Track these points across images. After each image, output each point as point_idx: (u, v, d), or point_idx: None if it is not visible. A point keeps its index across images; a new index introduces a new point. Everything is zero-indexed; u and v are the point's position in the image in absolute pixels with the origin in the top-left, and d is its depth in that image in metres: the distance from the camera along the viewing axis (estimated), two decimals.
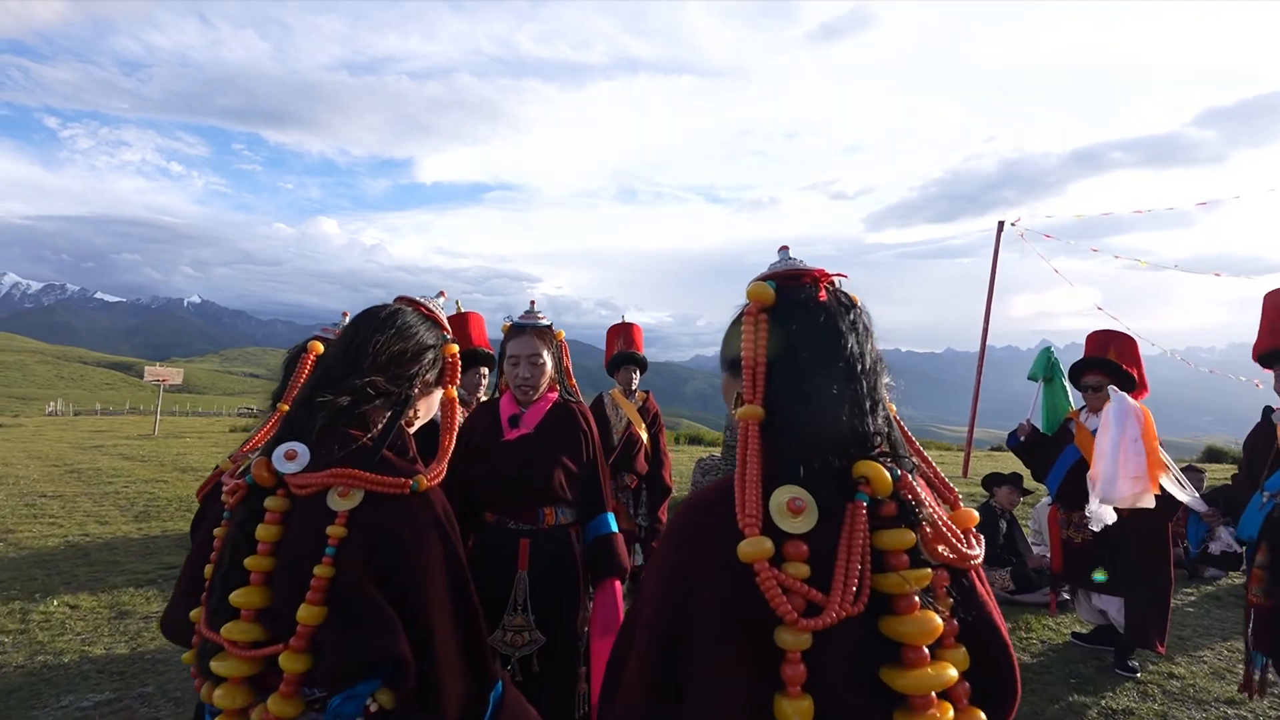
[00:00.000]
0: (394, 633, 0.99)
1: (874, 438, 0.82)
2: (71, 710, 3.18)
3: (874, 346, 0.90)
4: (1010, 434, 4.69)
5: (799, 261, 0.95)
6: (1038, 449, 4.37)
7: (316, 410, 1.09)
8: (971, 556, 0.79)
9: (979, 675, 0.79)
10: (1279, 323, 2.97)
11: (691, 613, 0.79)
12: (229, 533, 1.08)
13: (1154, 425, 3.40)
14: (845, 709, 0.74)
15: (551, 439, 2.24)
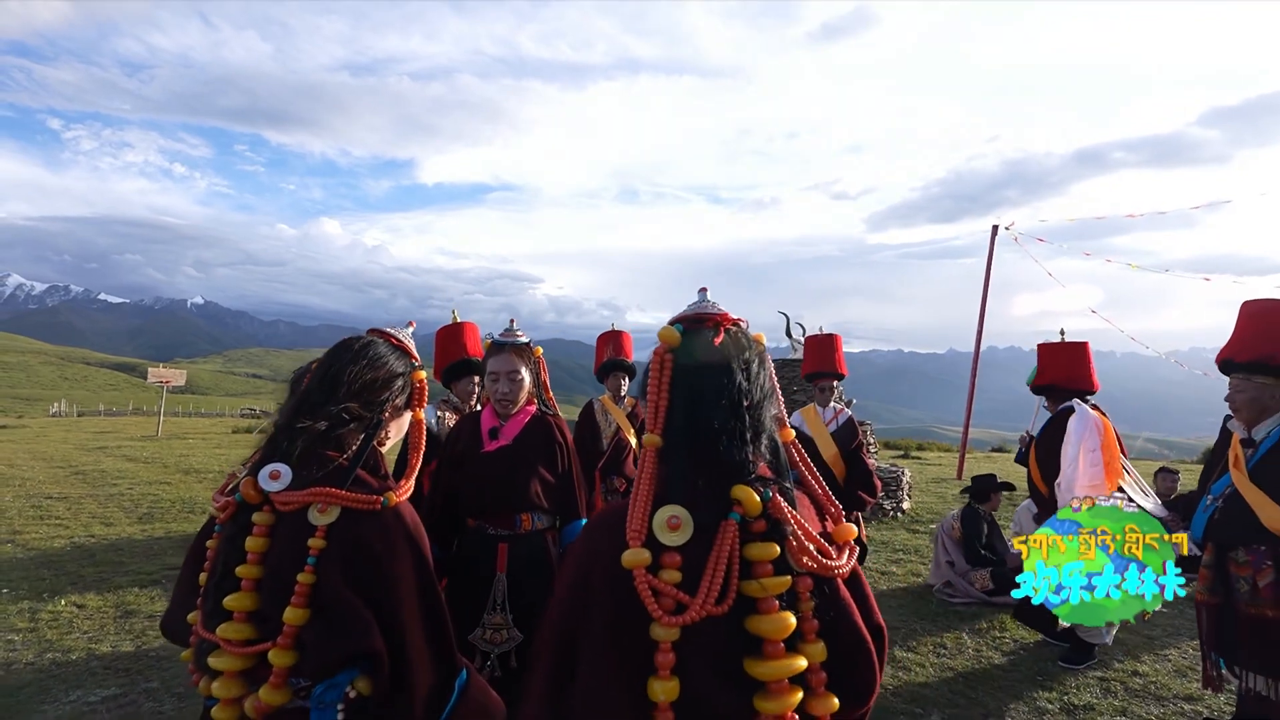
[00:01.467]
0: (369, 630, 1.14)
1: (751, 465, 0.97)
2: (79, 705, 3.34)
3: (768, 380, 1.05)
4: (1018, 451, 4.90)
5: (710, 305, 1.10)
6: None
7: (297, 435, 1.25)
8: (833, 567, 0.95)
9: (839, 668, 0.95)
10: (1247, 334, 3.09)
11: (585, 612, 0.95)
12: (220, 544, 1.24)
13: (1114, 435, 3.54)
14: (710, 692, 0.89)
15: (529, 450, 2.39)
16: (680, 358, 1.03)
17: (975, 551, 5.47)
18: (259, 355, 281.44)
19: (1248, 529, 2.94)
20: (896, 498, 9.00)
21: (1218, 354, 3.18)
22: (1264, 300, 3.08)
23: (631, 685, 0.89)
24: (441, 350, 3.60)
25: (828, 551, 0.96)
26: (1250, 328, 3.04)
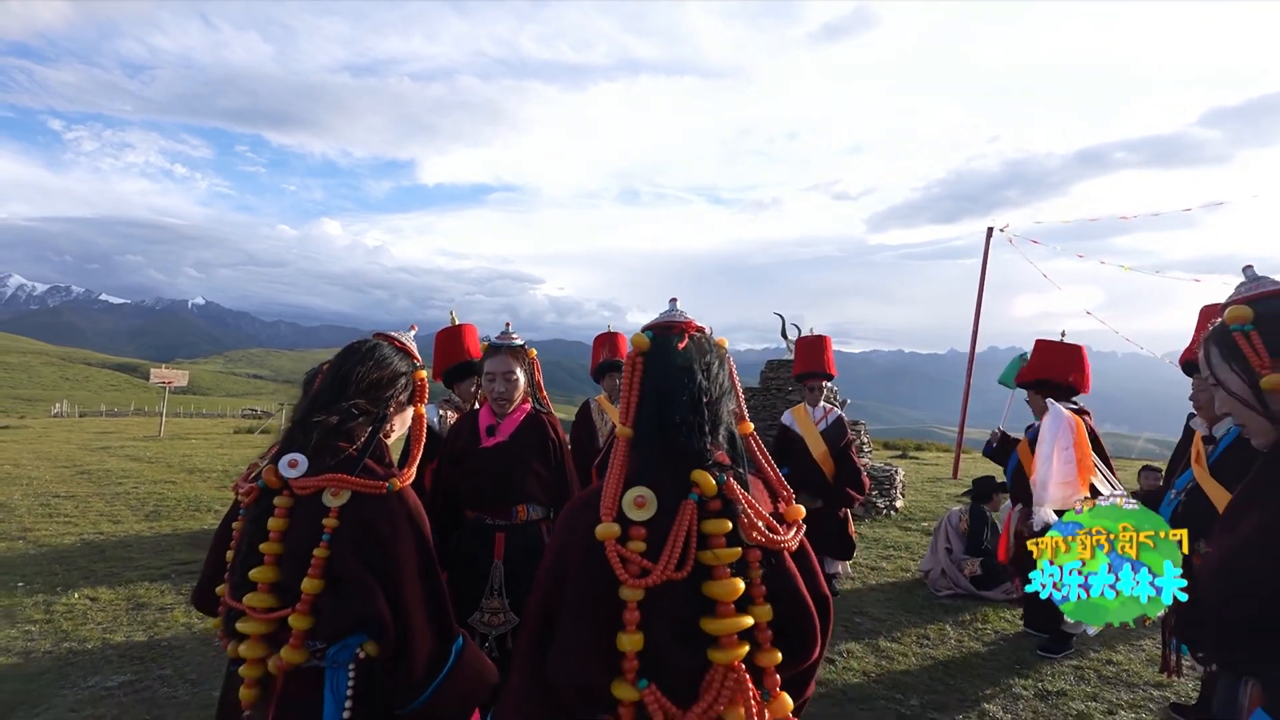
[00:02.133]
0: (375, 599, 1.30)
1: (709, 453, 1.13)
2: (97, 690, 3.50)
3: (726, 380, 1.21)
4: (987, 444, 5.05)
5: (679, 314, 1.26)
6: (1006, 453, 4.71)
7: (312, 428, 1.41)
8: (780, 541, 1.10)
9: (784, 628, 1.10)
10: None
11: (564, 580, 1.10)
12: (246, 525, 1.40)
13: (1085, 435, 3.69)
14: (669, 646, 1.05)
15: (524, 446, 2.55)
16: (650, 360, 1.19)
17: (978, 544, 5.65)
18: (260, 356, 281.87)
19: (1209, 522, 3.09)
20: (889, 496, 9.14)
21: (1181, 355, 3.34)
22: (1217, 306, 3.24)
23: (602, 639, 1.04)
24: (441, 352, 3.73)
25: (775, 528, 1.11)
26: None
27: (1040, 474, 3.63)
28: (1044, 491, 3.57)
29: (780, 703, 1.10)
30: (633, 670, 1.03)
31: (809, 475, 5.36)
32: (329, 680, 1.31)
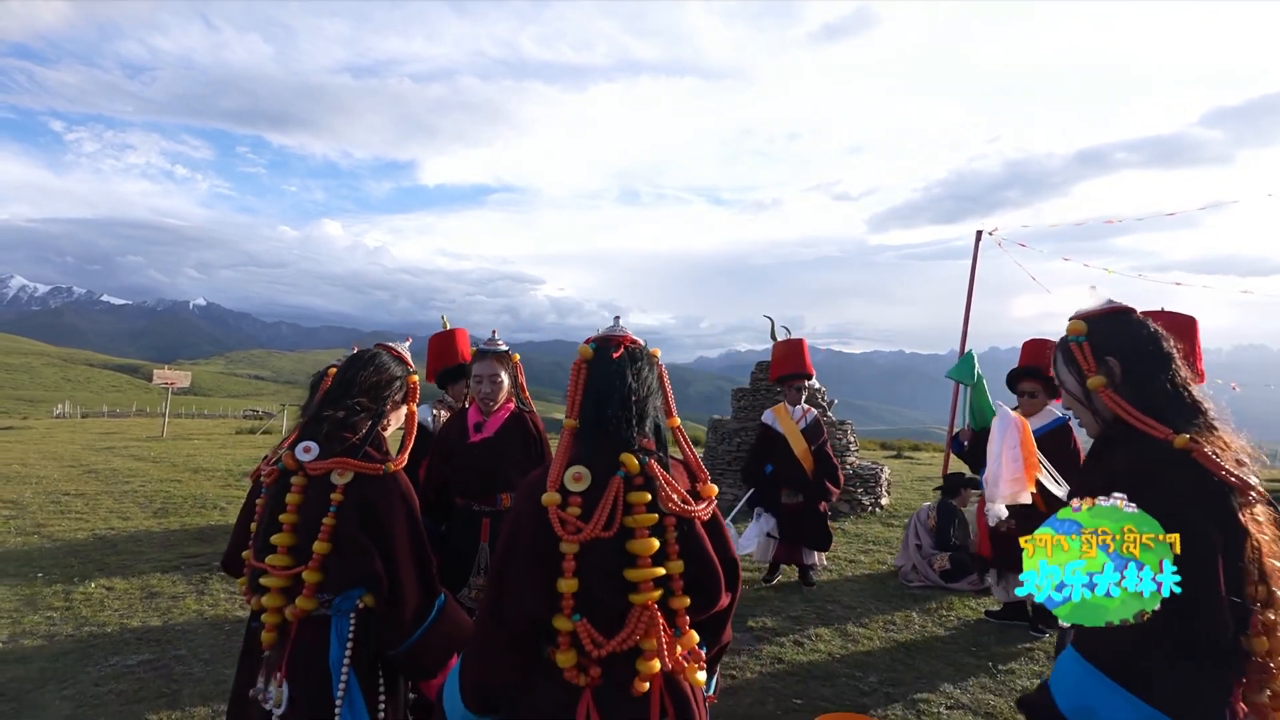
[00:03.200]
0: (372, 559, 1.59)
1: (636, 440, 1.41)
2: (119, 667, 3.78)
3: (654, 382, 1.50)
4: (954, 440, 5.31)
5: (619, 329, 1.55)
6: (975, 448, 4.99)
7: (323, 421, 1.70)
8: (692, 511, 1.39)
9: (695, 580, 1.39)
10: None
11: (518, 538, 1.39)
12: (267, 500, 1.69)
13: (1030, 435, 3.98)
14: (599, 590, 1.34)
15: (507, 442, 2.84)
16: (591, 367, 1.49)
17: (946, 539, 5.92)
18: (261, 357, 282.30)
19: None
20: (875, 494, 9.41)
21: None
22: (1163, 312, 3.52)
23: (545, 584, 1.33)
24: (435, 355, 3.99)
25: (688, 501, 1.40)
26: None
27: (991, 471, 3.90)
28: (995, 488, 3.84)
29: (688, 638, 1.39)
30: (569, 607, 1.32)
31: (791, 471, 5.63)
32: (334, 625, 1.60)
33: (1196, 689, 1.24)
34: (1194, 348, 3.40)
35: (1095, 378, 1.47)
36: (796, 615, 4.78)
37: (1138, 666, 1.26)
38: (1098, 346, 1.50)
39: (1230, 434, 1.40)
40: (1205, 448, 1.30)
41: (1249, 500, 1.29)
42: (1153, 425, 1.36)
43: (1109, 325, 1.52)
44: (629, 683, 1.31)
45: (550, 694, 1.33)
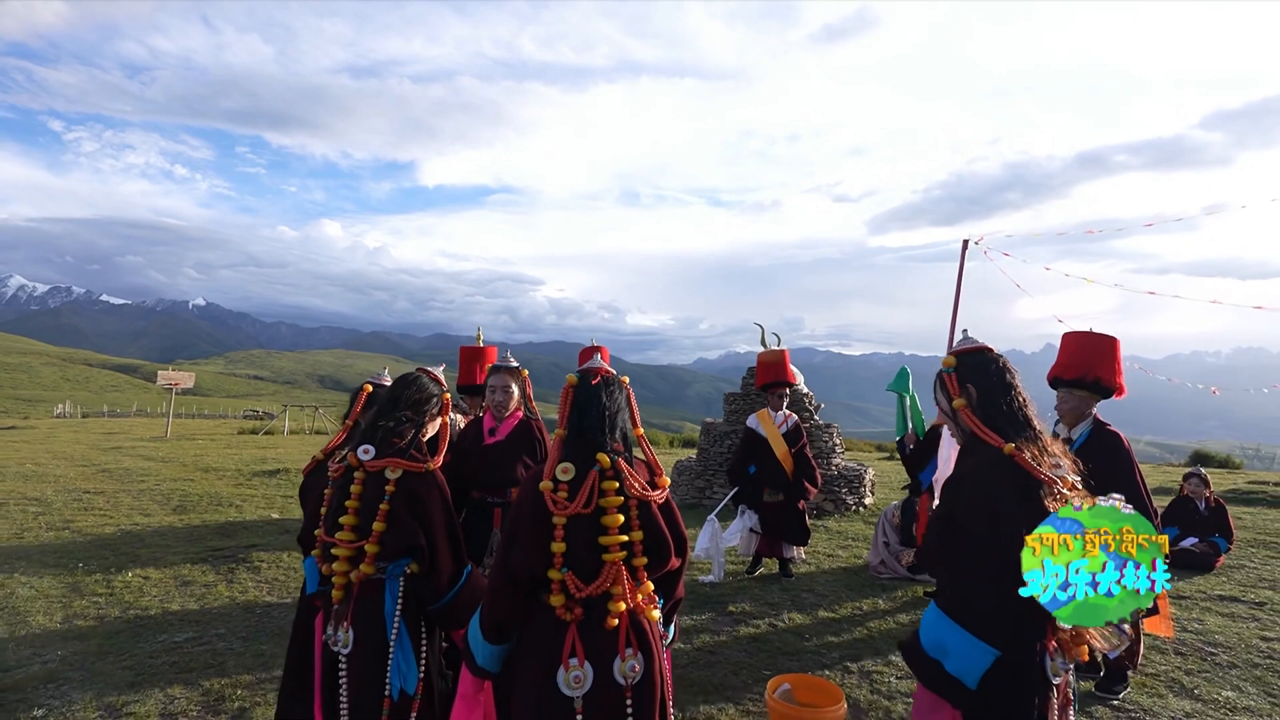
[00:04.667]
0: (417, 536, 2.08)
1: (608, 443, 1.91)
2: (167, 643, 4.27)
3: (623, 402, 1.99)
4: (899, 443, 5.82)
5: (599, 364, 2.05)
6: (919, 452, 5.49)
7: (378, 429, 2.19)
8: (648, 496, 1.88)
9: (651, 546, 1.88)
10: (1070, 359, 3.96)
11: (522, 513, 1.88)
12: (335, 490, 2.17)
13: None
14: (580, 550, 1.82)
15: (516, 444, 3.33)
16: (576, 391, 1.99)
17: (910, 535, 6.40)
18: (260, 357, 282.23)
19: None
20: (859, 493, 9.89)
21: (1049, 372, 4.10)
22: (1082, 332, 4.00)
23: (541, 546, 1.83)
24: (465, 367, 4.33)
25: (646, 488, 1.91)
26: (1072, 354, 3.95)
27: (941, 472, 4.40)
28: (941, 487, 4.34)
29: (645, 586, 1.91)
30: (558, 563, 1.83)
31: (772, 472, 6.13)
32: (388, 586, 2.09)
33: (1015, 628, 1.73)
34: (1115, 364, 3.87)
35: (959, 400, 1.96)
36: (773, 602, 5.27)
37: (974, 612, 1.75)
38: (962, 376, 1.99)
39: (1050, 442, 1.89)
40: (1025, 454, 1.80)
41: (1055, 492, 1.78)
42: (992, 436, 1.85)
43: (971, 360, 2.01)
44: (603, 619, 1.82)
45: (545, 627, 1.84)
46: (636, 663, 1.82)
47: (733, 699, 3.60)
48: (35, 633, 4.44)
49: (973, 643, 1.73)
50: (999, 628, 1.72)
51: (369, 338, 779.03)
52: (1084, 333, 3.98)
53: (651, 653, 1.86)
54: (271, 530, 7.73)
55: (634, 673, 1.82)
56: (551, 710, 1.78)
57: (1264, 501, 10.98)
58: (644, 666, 1.84)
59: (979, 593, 1.75)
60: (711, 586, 5.63)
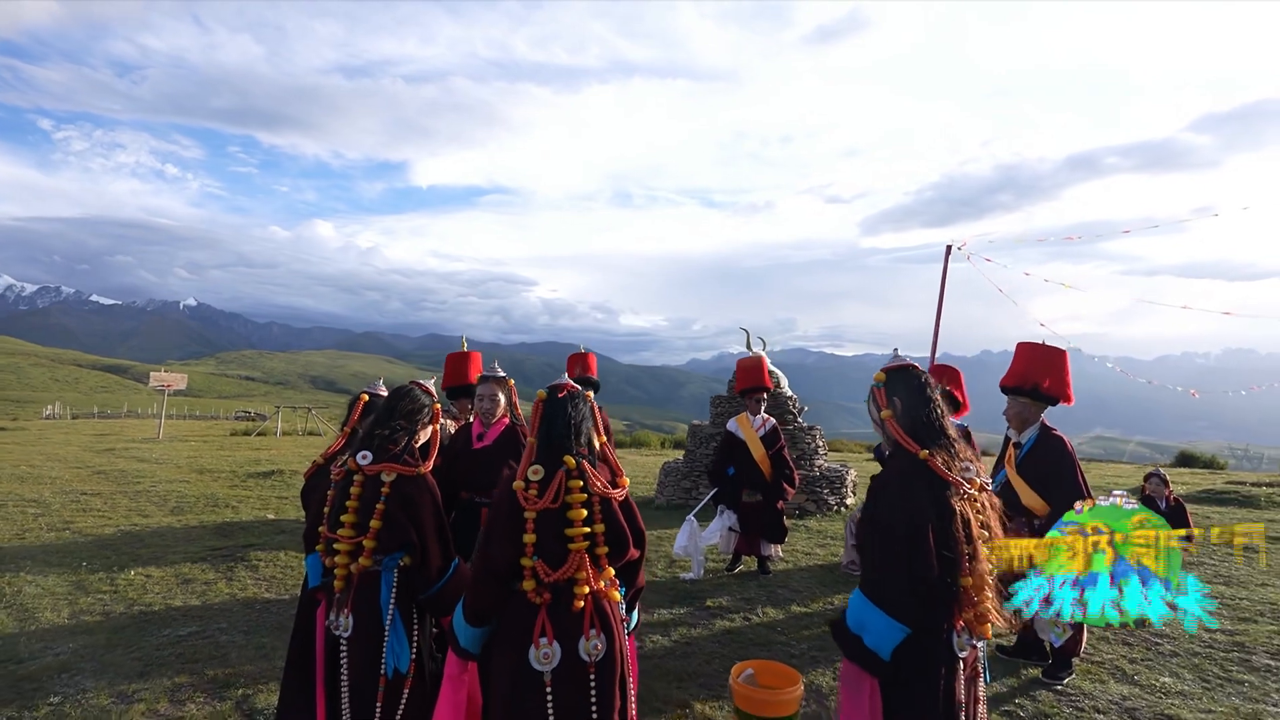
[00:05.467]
0: (409, 532, 2.34)
1: (574, 447, 2.17)
2: (172, 636, 4.50)
3: (588, 412, 2.26)
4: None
5: (564, 380, 2.32)
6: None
7: (375, 437, 2.45)
8: (609, 493, 2.15)
9: (612, 538, 2.15)
10: (1019, 367, 4.26)
11: (498, 511, 2.14)
12: (336, 492, 2.43)
13: None
14: (549, 540, 2.08)
15: (503, 448, 3.59)
16: (546, 403, 2.26)
17: None
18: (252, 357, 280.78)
19: (1015, 508, 4.16)
20: (840, 494, 10.17)
21: (1001, 380, 4.39)
22: (1034, 343, 4.28)
23: (515, 537, 2.09)
24: (451, 372, 4.65)
25: (607, 487, 2.17)
26: (1019, 363, 4.25)
27: None
28: None
29: (607, 573, 2.17)
30: (530, 551, 2.09)
31: (750, 473, 6.41)
32: (384, 577, 2.35)
33: (923, 610, 2.01)
34: (1062, 374, 4.16)
35: (886, 411, 2.24)
36: (749, 597, 5.54)
37: (889, 595, 2.02)
38: (889, 391, 2.27)
39: (963, 449, 2.17)
40: (938, 459, 2.08)
41: (963, 493, 2.06)
42: (911, 444, 2.13)
43: (898, 376, 2.29)
44: (570, 602, 2.09)
45: (519, 610, 2.11)
46: (599, 642, 2.09)
47: (705, 685, 3.87)
48: (45, 628, 4.66)
49: (887, 621, 2.00)
50: (909, 609, 2.00)
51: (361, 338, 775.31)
52: (1035, 344, 4.26)
53: (613, 633, 2.13)
54: (268, 531, 7.95)
55: (597, 651, 2.09)
56: (524, 684, 2.04)
57: (1235, 501, 11.31)
58: (606, 645, 2.10)
59: (894, 579, 2.02)
60: (691, 583, 5.90)
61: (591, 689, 2.06)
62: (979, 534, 2.07)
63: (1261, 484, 13.14)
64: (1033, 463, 4.12)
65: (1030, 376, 4.15)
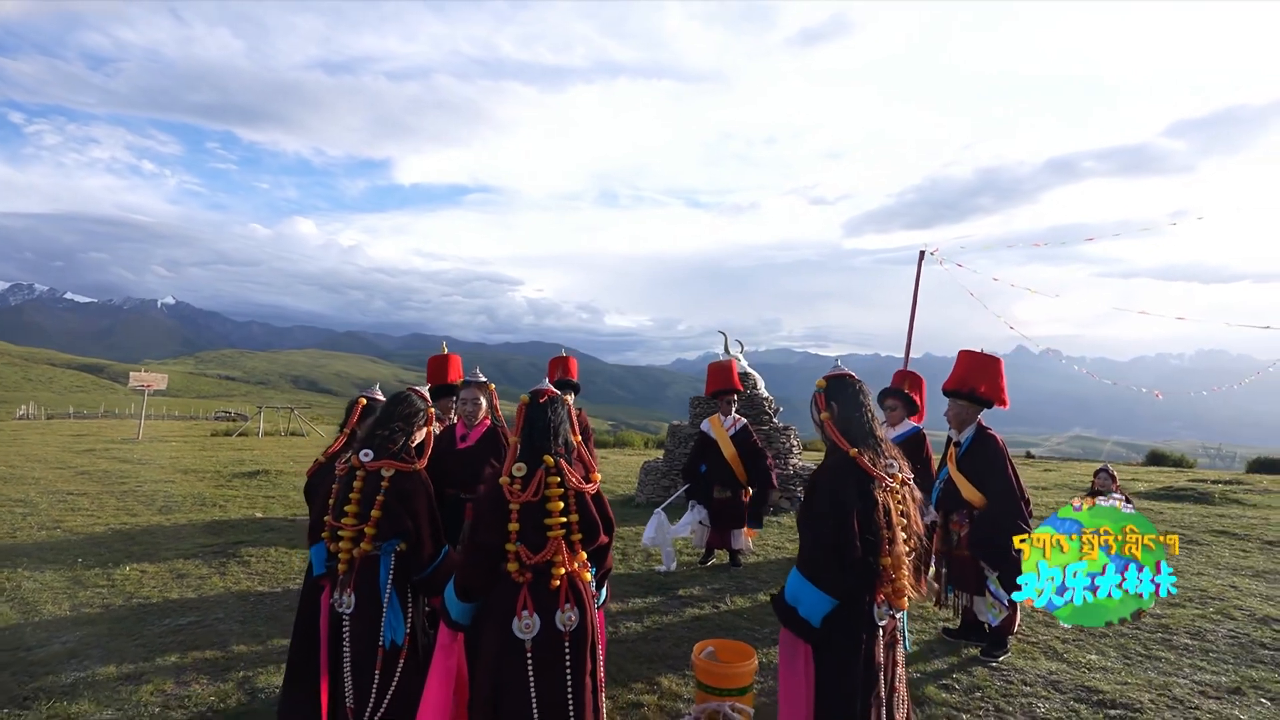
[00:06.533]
0: (405, 521, 2.65)
1: (552, 448, 2.49)
2: (172, 626, 4.75)
3: (565, 415, 2.58)
4: None
5: (545, 385, 2.64)
6: None
7: (376, 437, 2.76)
8: (583, 487, 2.47)
9: (584, 526, 2.47)
10: (960, 373, 4.65)
11: (486, 502, 2.46)
12: (340, 486, 2.73)
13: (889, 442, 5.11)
14: (531, 531, 2.40)
15: (484, 448, 3.91)
16: (528, 407, 2.57)
17: None
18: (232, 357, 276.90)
19: (957, 501, 4.54)
20: None
21: (943, 384, 4.77)
22: (972, 351, 4.67)
23: (500, 525, 2.41)
24: (432, 374, 4.99)
25: (581, 482, 2.49)
26: (961, 369, 4.63)
27: None
28: None
29: (580, 556, 2.50)
30: (514, 538, 2.40)
31: (721, 471, 6.76)
32: (382, 561, 2.66)
33: (849, 585, 2.35)
34: (996, 380, 4.55)
35: (824, 414, 2.59)
36: (719, 587, 5.89)
37: (820, 572, 2.37)
38: (828, 396, 2.62)
39: (889, 448, 2.52)
40: (865, 457, 2.43)
41: (886, 486, 2.41)
42: (843, 443, 2.48)
43: (835, 384, 2.64)
44: (548, 581, 2.41)
45: (504, 589, 2.43)
46: (573, 614, 2.42)
47: (673, 666, 4.21)
48: (48, 620, 4.89)
49: (818, 595, 2.35)
50: (837, 584, 2.35)
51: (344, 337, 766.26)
52: (974, 351, 4.65)
53: (585, 607, 2.46)
54: (256, 528, 8.17)
55: (571, 622, 2.41)
56: (509, 650, 2.37)
57: (1190, 498, 11.84)
58: (579, 618, 2.43)
59: (825, 558, 2.37)
60: (665, 575, 6.24)
61: (566, 654, 2.39)
62: (898, 521, 2.43)
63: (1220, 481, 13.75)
64: (970, 460, 4.51)
65: (968, 381, 4.54)
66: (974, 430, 4.52)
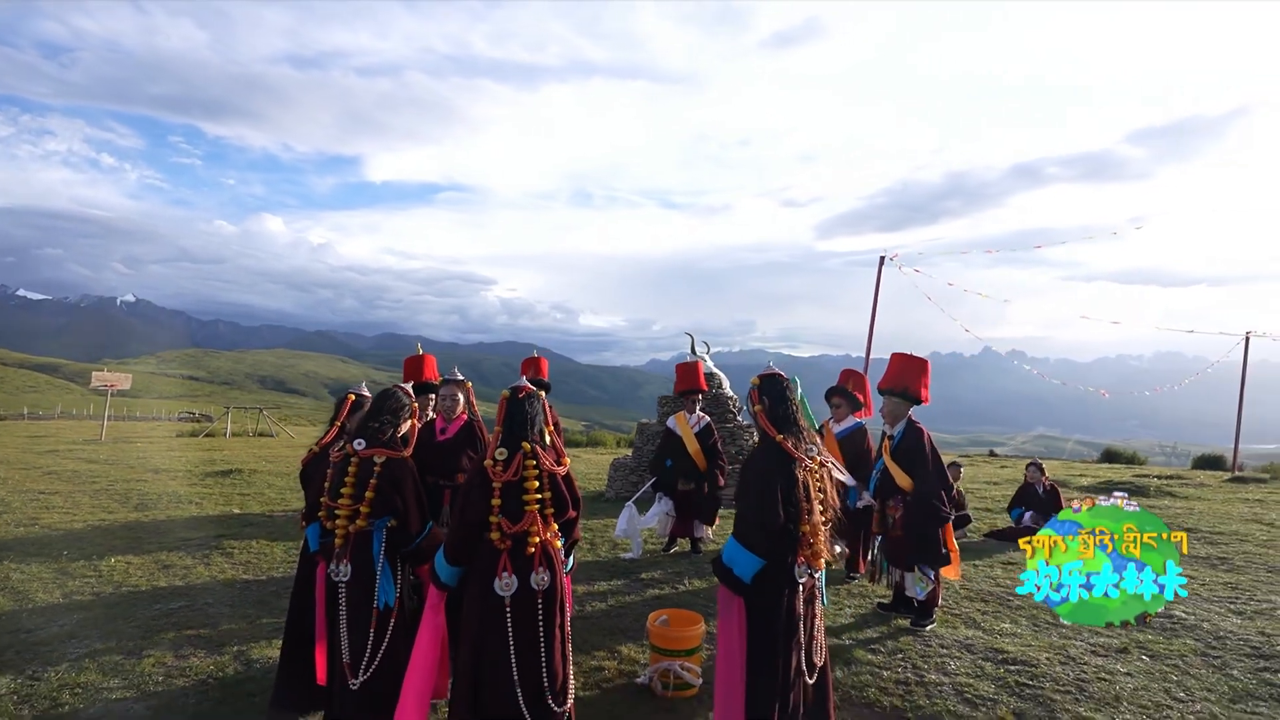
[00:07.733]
0: (395, 501, 3.04)
1: (530, 436, 2.91)
2: (163, 610, 5.04)
3: (541, 409, 3.00)
4: None
5: (523, 382, 3.05)
6: None
7: (368, 428, 3.14)
8: (555, 470, 2.89)
9: (556, 502, 2.90)
10: (894, 373, 5.17)
11: (472, 483, 2.87)
12: (335, 471, 3.11)
13: (832, 435, 5.62)
14: (512, 507, 2.81)
15: (462, 441, 4.30)
16: (508, 401, 2.98)
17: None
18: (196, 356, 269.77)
19: (892, 488, 5.07)
20: None
21: (879, 382, 5.30)
22: (904, 354, 5.20)
23: (484, 501, 2.82)
24: (408, 374, 5.36)
25: (553, 465, 2.92)
26: (892, 369, 5.17)
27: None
28: None
29: (551, 526, 2.92)
30: (496, 511, 2.81)
31: (685, 465, 7.23)
32: (375, 535, 3.05)
33: (773, 547, 2.82)
34: (922, 379, 5.08)
35: (757, 406, 3.05)
36: (679, 571, 6.35)
37: (750, 537, 2.83)
38: (761, 391, 3.08)
39: (811, 435, 2.99)
40: (789, 442, 2.89)
41: (805, 466, 2.88)
42: (771, 430, 2.94)
43: (767, 381, 3.11)
44: (525, 547, 2.83)
45: (487, 554, 2.84)
46: (546, 576, 2.84)
47: (632, 637, 4.65)
48: (41, 606, 5.14)
49: (749, 556, 2.81)
50: (764, 546, 2.81)
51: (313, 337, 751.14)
52: (906, 354, 5.19)
53: (555, 571, 2.88)
54: (235, 523, 8.39)
55: (544, 583, 2.84)
56: (490, 606, 2.78)
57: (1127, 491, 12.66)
58: (550, 579, 2.86)
59: (754, 525, 2.83)
60: (631, 561, 6.68)
61: (539, 610, 2.81)
62: (816, 495, 2.90)
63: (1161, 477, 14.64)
64: (902, 450, 5.04)
65: (901, 380, 5.08)
66: (905, 424, 5.05)
